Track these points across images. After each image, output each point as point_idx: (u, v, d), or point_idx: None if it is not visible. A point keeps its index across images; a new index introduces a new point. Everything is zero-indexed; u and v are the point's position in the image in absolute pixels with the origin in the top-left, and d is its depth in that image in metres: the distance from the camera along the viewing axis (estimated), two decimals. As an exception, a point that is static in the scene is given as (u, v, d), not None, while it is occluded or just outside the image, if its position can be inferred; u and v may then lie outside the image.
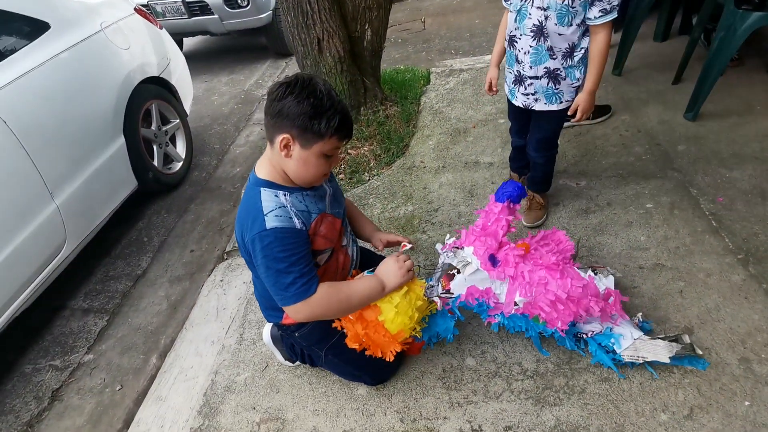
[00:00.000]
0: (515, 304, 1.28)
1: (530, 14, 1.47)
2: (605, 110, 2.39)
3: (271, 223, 1.11)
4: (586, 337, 1.35)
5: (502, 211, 1.32)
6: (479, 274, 1.30)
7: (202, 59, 5.32)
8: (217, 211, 2.65)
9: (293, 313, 1.17)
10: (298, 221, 1.14)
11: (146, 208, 2.75)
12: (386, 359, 1.28)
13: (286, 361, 1.53)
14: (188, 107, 3.13)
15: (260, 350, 1.63)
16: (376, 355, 1.28)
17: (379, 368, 1.38)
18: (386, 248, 1.48)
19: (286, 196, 1.17)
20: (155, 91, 2.71)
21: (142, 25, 2.76)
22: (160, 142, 2.76)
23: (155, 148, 2.72)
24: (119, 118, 2.37)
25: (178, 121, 2.92)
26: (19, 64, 1.95)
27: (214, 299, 1.96)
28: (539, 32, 1.47)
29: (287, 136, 1.09)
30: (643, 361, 1.29)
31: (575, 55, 1.49)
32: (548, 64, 1.52)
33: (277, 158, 1.15)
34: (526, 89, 1.61)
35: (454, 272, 1.33)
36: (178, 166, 2.92)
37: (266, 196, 1.15)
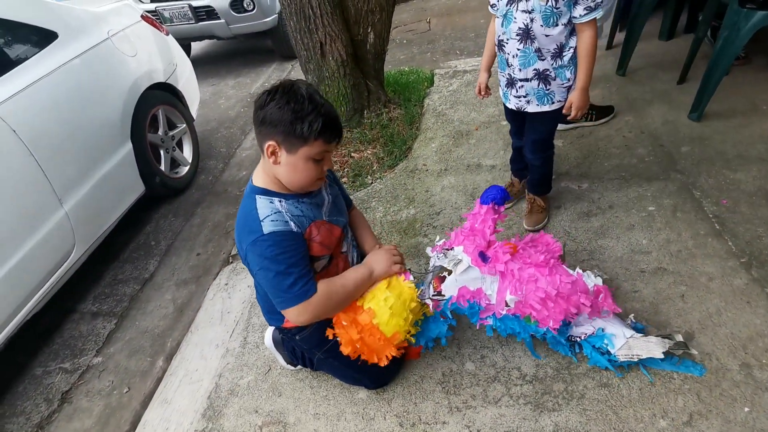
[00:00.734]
0: (506, 304, 1.30)
1: (516, 18, 1.48)
2: (608, 111, 2.38)
3: (268, 228, 1.14)
4: (579, 340, 1.36)
5: (487, 212, 1.38)
6: (470, 272, 1.33)
7: (209, 63, 5.38)
8: (223, 214, 2.69)
9: (296, 315, 1.19)
10: (294, 225, 1.16)
11: (154, 212, 2.80)
12: (380, 365, 1.29)
13: (287, 364, 1.56)
14: (195, 112, 3.17)
15: (263, 354, 1.65)
16: (371, 360, 1.30)
17: (379, 372, 1.39)
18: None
19: (281, 202, 1.19)
20: (162, 96, 2.75)
21: (148, 31, 2.81)
22: (167, 147, 2.80)
23: (162, 152, 2.77)
24: (127, 124, 2.42)
25: (184, 125, 2.96)
26: (28, 73, 2.00)
27: (219, 303, 2.00)
28: (526, 35, 1.49)
29: (272, 143, 1.12)
30: (638, 359, 1.30)
31: (564, 54, 1.50)
32: (537, 65, 1.53)
33: (268, 166, 1.18)
34: (517, 92, 1.63)
35: (444, 274, 1.36)
36: (184, 170, 2.96)
37: (262, 203, 1.17)
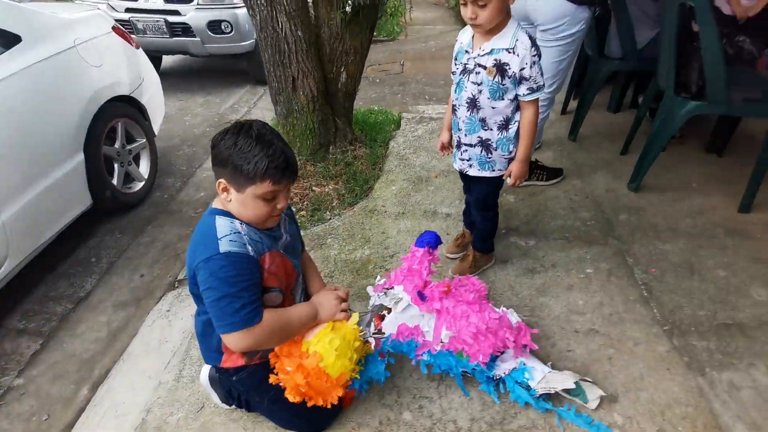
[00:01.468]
0: (441, 341, 1.42)
1: (466, 87, 1.59)
2: (558, 173, 2.54)
3: (224, 247, 1.13)
4: (503, 375, 1.44)
5: (423, 255, 1.51)
6: (410, 310, 1.44)
7: (179, 77, 5.32)
8: (174, 235, 2.61)
9: (236, 341, 1.15)
10: (251, 249, 1.17)
11: (100, 226, 2.68)
12: (328, 406, 1.29)
13: (222, 403, 1.51)
14: (157, 128, 3.11)
15: (197, 390, 1.59)
16: (318, 403, 1.29)
17: (316, 417, 1.38)
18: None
19: (242, 225, 1.20)
20: (123, 109, 2.70)
21: (117, 43, 2.77)
22: (122, 160, 2.72)
23: (116, 166, 2.68)
24: (81, 134, 2.34)
25: (144, 140, 2.90)
26: (-18, 74, 1.92)
27: (157, 330, 1.92)
28: (473, 104, 1.59)
29: (222, 181, 1.15)
30: (554, 391, 1.41)
31: (510, 127, 1.60)
32: (481, 134, 1.63)
33: (223, 201, 1.21)
34: (462, 155, 1.73)
35: (384, 312, 1.47)
36: (139, 185, 2.87)
37: (222, 222, 1.18)
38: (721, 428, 1.36)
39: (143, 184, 2.89)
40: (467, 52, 1.57)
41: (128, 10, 4.33)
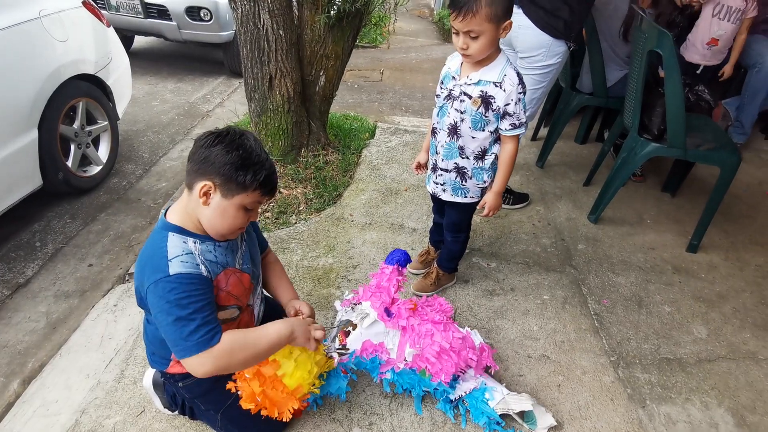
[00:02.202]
0: (404, 359, 1.43)
1: (449, 113, 1.59)
2: (524, 198, 2.61)
3: (175, 269, 1.07)
4: (464, 395, 1.46)
5: (392, 272, 1.54)
6: (376, 327, 1.45)
7: (150, 59, 5.12)
8: (129, 225, 2.50)
9: (196, 366, 1.08)
10: (204, 269, 1.12)
11: (47, 209, 2.53)
12: (283, 419, 1.25)
13: (165, 408, 1.44)
14: (122, 111, 2.98)
15: (139, 392, 1.52)
16: (272, 415, 1.25)
17: (263, 430, 1.34)
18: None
19: (196, 243, 1.14)
20: (86, 89, 2.56)
21: (87, 19, 2.64)
22: (80, 142, 2.58)
23: (73, 147, 2.54)
24: (37, 111, 2.20)
25: (106, 123, 2.76)
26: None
27: (101, 325, 1.82)
28: (453, 131, 1.60)
29: (209, 183, 1.09)
30: (512, 412, 1.44)
31: (487, 158, 1.62)
32: (458, 161, 1.64)
33: (193, 205, 1.13)
34: (437, 178, 1.73)
35: (349, 329, 1.46)
36: (96, 169, 2.74)
37: (173, 241, 1.12)
38: (655, 460, 1.42)
39: (101, 168, 2.75)
40: (454, 78, 1.57)
41: (102, -16, 4.14)
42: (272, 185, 1.16)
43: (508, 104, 1.50)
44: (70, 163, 2.50)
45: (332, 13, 2.54)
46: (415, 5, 10.05)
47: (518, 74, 1.50)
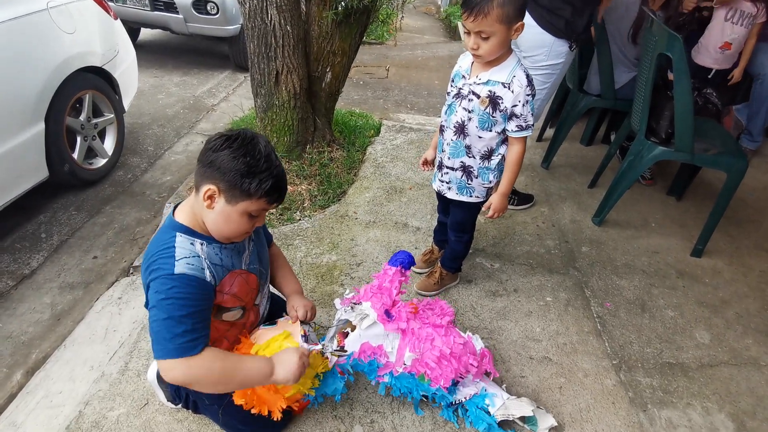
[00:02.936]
0: (404, 362, 1.39)
1: (457, 111, 1.59)
2: (529, 199, 2.60)
3: (180, 268, 1.08)
4: (465, 400, 1.45)
5: (395, 274, 1.50)
6: (374, 328, 1.41)
7: (156, 52, 5.12)
8: (134, 218, 2.50)
9: (168, 369, 1.07)
10: (209, 274, 1.12)
11: (53, 200, 2.54)
12: (273, 417, 1.26)
13: (168, 402, 1.45)
14: (128, 104, 2.98)
15: (142, 385, 1.53)
16: (263, 413, 1.26)
17: (264, 426, 1.35)
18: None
19: (203, 245, 1.14)
20: (93, 81, 2.57)
21: (94, 11, 2.64)
22: (86, 134, 2.59)
23: (79, 139, 2.55)
24: (44, 103, 2.21)
25: (112, 116, 2.77)
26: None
27: (105, 317, 1.82)
28: (461, 129, 1.60)
29: (213, 187, 1.08)
30: (513, 418, 1.43)
31: (493, 158, 1.62)
32: (464, 159, 1.64)
33: (199, 207, 1.13)
34: (442, 176, 1.73)
35: (348, 330, 1.42)
36: (101, 162, 2.74)
37: (181, 242, 1.12)
38: (656, 464, 1.42)
39: (106, 161, 2.76)
40: (464, 77, 1.57)
41: (109, -25, 4.13)
42: (279, 194, 1.14)
43: (515, 105, 1.49)
44: (76, 155, 2.51)
45: (340, 9, 2.53)
46: (421, 2, 10.02)
47: (528, 76, 1.49)
